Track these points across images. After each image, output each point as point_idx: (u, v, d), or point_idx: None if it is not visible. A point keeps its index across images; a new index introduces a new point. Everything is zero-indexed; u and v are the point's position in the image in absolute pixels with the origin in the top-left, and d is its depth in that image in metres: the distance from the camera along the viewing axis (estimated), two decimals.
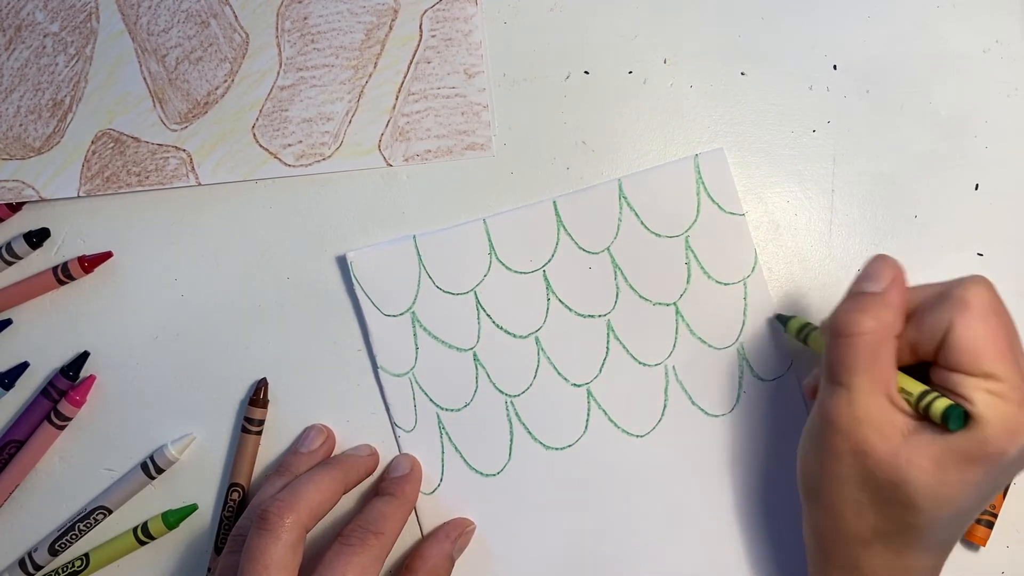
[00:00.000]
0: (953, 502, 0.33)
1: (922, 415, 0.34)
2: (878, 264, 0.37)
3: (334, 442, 0.47)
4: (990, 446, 0.32)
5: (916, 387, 0.35)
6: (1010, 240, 0.46)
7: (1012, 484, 0.45)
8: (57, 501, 0.48)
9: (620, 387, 0.46)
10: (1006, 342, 0.33)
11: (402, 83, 0.47)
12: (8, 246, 0.48)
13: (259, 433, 0.47)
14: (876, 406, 0.34)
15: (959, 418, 0.33)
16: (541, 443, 0.46)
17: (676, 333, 0.46)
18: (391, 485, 0.45)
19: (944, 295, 0.35)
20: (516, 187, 0.47)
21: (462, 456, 0.46)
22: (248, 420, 0.46)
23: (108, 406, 0.48)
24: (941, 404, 0.33)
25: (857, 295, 0.37)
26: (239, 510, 0.46)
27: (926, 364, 0.36)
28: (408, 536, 0.46)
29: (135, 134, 0.48)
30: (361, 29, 0.48)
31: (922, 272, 0.46)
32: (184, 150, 0.48)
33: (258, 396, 0.47)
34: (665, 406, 0.46)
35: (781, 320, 0.44)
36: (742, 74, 0.47)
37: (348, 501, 0.47)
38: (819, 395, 0.37)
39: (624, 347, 0.46)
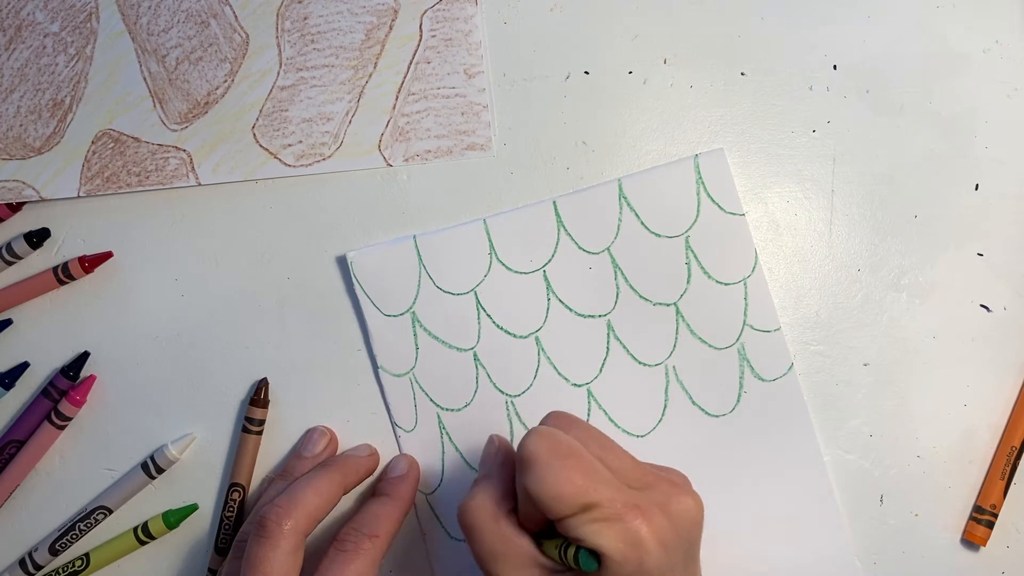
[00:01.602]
0: None
1: (570, 567, 0.34)
2: (487, 448, 0.39)
3: (336, 444, 0.47)
4: (626, 566, 0.32)
5: (554, 546, 0.35)
6: (1010, 240, 0.46)
7: (1013, 484, 0.45)
8: (57, 501, 0.48)
9: (620, 387, 0.46)
10: (580, 472, 0.33)
11: (402, 83, 0.47)
12: (8, 246, 0.48)
13: (259, 433, 0.47)
14: None
15: (588, 560, 0.33)
16: None
17: (676, 333, 0.46)
18: (387, 486, 0.45)
19: (516, 462, 0.35)
20: (516, 187, 0.47)
21: (462, 456, 0.46)
22: (248, 420, 0.47)
23: (108, 406, 0.48)
24: (570, 553, 0.33)
25: (473, 484, 0.38)
26: (240, 510, 0.46)
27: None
28: (408, 536, 0.46)
29: (135, 134, 0.48)
30: (361, 29, 0.48)
31: (922, 272, 0.46)
32: (184, 150, 0.48)
33: (259, 396, 0.47)
34: (665, 406, 0.46)
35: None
36: (742, 74, 0.47)
37: (348, 501, 0.47)
38: None
39: (624, 347, 0.46)
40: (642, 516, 0.33)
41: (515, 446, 0.46)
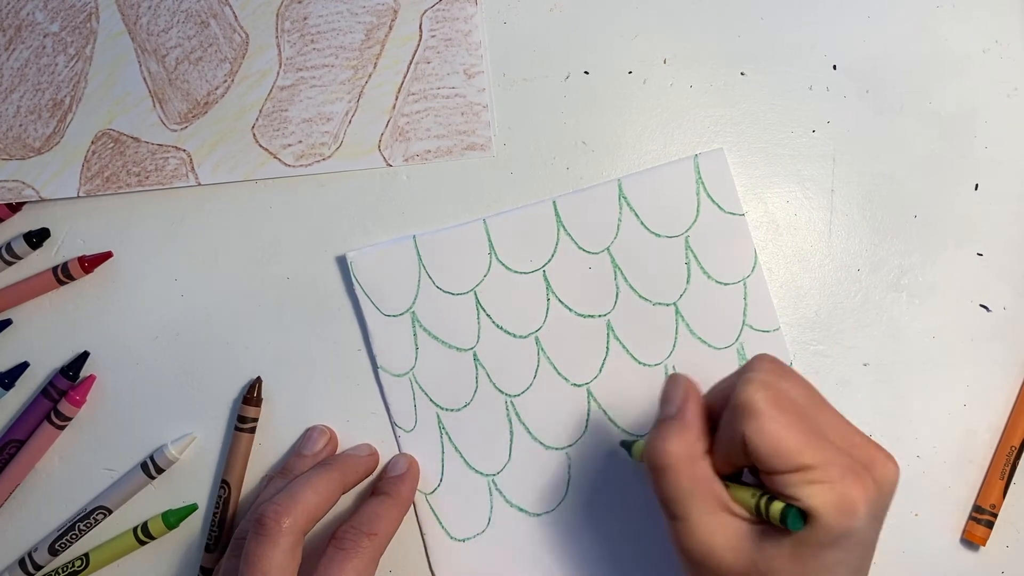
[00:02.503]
0: None
1: (765, 519, 0.34)
2: (670, 386, 0.37)
3: (336, 443, 0.47)
4: (834, 531, 0.32)
5: (750, 495, 0.35)
6: (1010, 240, 0.46)
7: (1013, 484, 0.45)
8: (57, 501, 0.48)
9: (620, 387, 0.46)
10: (802, 429, 0.33)
11: (402, 83, 0.47)
12: (8, 246, 0.48)
13: (252, 431, 0.47)
14: (717, 526, 0.34)
15: (797, 518, 0.33)
16: (541, 443, 0.46)
17: (676, 333, 0.46)
18: (387, 484, 0.45)
19: (730, 406, 0.34)
20: (516, 187, 0.47)
21: (462, 456, 0.46)
22: (241, 418, 0.46)
23: (108, 406, 0.48)
24: (776, 509, 0.33)
25: (658, 424, 0.37)
26: (225, 507, 0.46)
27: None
28: (407, 536, 0.46)
29: (135, 134, 0.48)
30: (361, 29, 0.48)
31: (922, 272, 0.46)
32: (184, 150, 0.48)
33: (251, 394, 0.47)
34: None
35: (625, 446, 0.43)
36: (742, 74, 0.47)
37: (347, 500, 0.47)
38: (669, 529, 0.36)
39: (624, 347, 0.46)
40: (859, 482, 0.32)
41: (518, 445, 0.46)
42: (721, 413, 0.36)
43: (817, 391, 0.36)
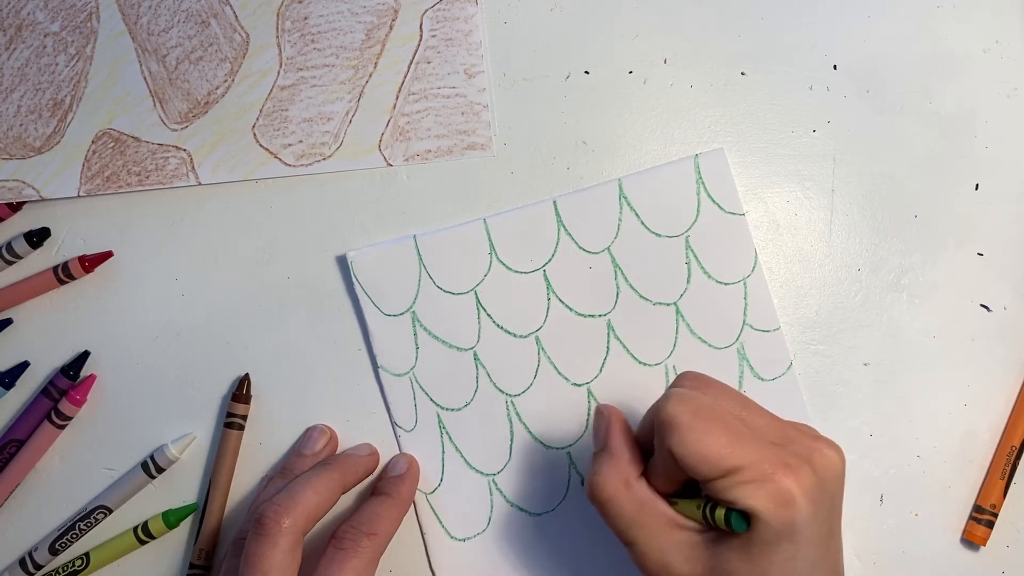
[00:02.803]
0: None
1: (711, 526, 0.35)
2: (596, 420, 0.39)
3: (337, 443, 0.47)
4: (776, 525, 0.32)
5: (695, 506, 0.35)
6: (1010, 240, 0.46)
7: (1013, 484, 0.45)
8: (57, 501, 0.48)
9: (620, 387, 0.46)
10: (724, 435, 0.33)
11: (402, 83, 0.47)
12: (8, 246, 0.48)
13: (241, 429, 0.47)
14: (668, 544, 0.35)
15: (739, 520, 0.33)
16: (541, 443, 0.46)
17: (676, 333, 0.46)
18: (387, 484, 0.45)
19: (656, 425, 0.35)
20: (516, 187, 0.47)
21: (462, 456, 0.46)
22: (230, 416, 0.46)
23: (108, 406, 0.48)
24: (719, 515, 0.34)
25: (592, 460, 0.38)
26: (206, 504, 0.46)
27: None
28: (407, 536, 0.46)
29: (135, 134, 0.48)
30: (361, 29, 0.48)
31: (922, 272, 0.46)
32: (184, 150, 0.48)
33: (240, 391, 0.47)
34: None
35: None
36: (742, 74, 0.47)
37: (347, 500, 0.47)
38: (630, 557, 0.37)
39: (624, 347, 0.46)
40: (792, 474, 0.33)
41: (518, 445, 0.46)
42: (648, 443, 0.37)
43: (745, 396, 0.37)
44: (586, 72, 0.47)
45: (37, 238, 0.48)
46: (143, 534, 0.47)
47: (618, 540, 0.37)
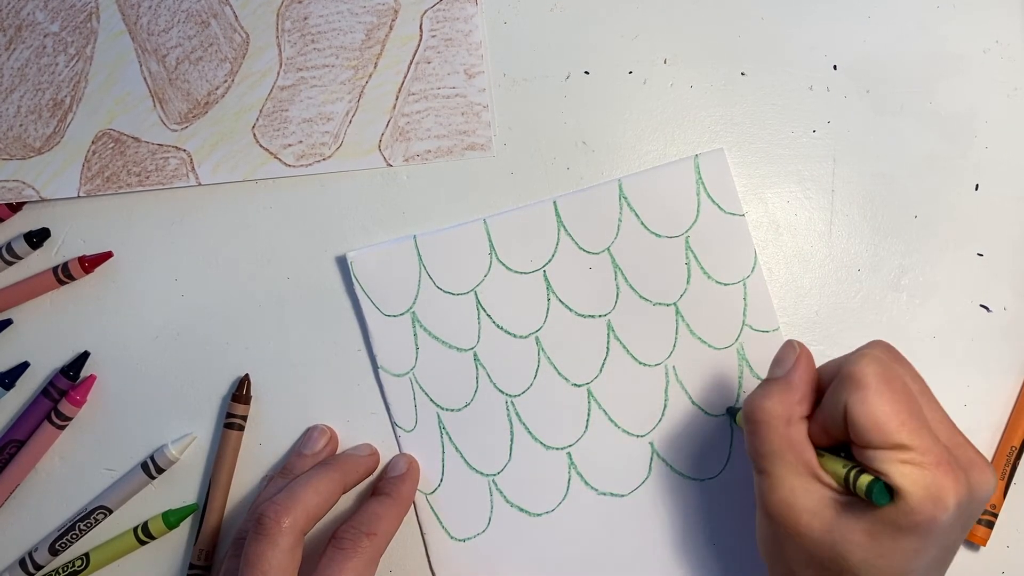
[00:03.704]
0: (896, 571, 0.33)
1: (850, 492, 0.34)
2: (784, 349, 0.38)
3: (337, 443, 0.47)
4: (917, 515, 0.32)
5: (841, 466, 0.35)
6: (1010, 240, 0.46)
7: (1013, 484, 0.45)
8: (57, 501, 0.48)
9: (620, 387, 0.46)
10: (906, 410, 0.33)
11: (402, 83, 0.47)
12: (8, 246, 0.48)
13: (241, 429, 0.47)
14: (799, 487, 0.35)
15: (883, 493, 0.33)
16: (541, 443, 0.46)
17: (676, 333, 0.46)
18: (387, 485, 0.45)
19: (839, 374, 0.35)
20: (516, 187, 0.47)
21: (462, 456, 0.46)
22: (230, 416, 0.46)
23: (108, 406, 0.48)
24: (864, 480, 0.33)
25: (764, 382, 0.38)
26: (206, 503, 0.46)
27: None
28: (407, 536, 0.46)
29: (135, 134, 0.48)
30: (361, 29, 0.48)
31: (922, 272, 0.46)
32: (184, 150, 0.48)
33: (240, 392, 0.47)
34: (665, 406, 0.46)
35: (731, 412, 0.45)
36: (742, 74, 0.47)
37: (347, 500, 0.47)
38: (755, 483, 0.37)
39: (624, 347, 0.46)
40: (952, 475, 0.32)
41: (518, 445, 0.46)
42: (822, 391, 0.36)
43: (927, 386, 0.36)
44: (586, 72, 0.47)
45: (37, 238, 0.48)
46: (143, 534, 0.47)
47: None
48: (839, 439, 0.36)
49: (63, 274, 0.48)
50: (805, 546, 0.34)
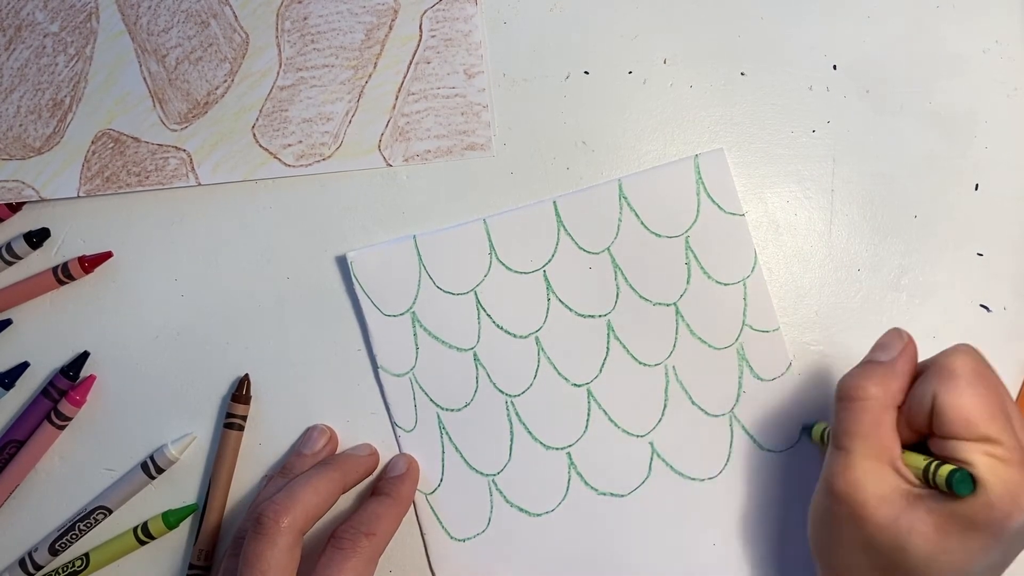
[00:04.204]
0: (955, 569, 0.33)
1: (928, 485, 0.34)
2: (891, 335, 0.38)
3: (337, 442, 0.47)
4: (994, 511, 0.32)
5: (922, 459, 0.35)
6: (1010, 240, 0.46)
7: None
8: (57, 501, 0.48)
9: (620, 387, 0.46)
10: (997, 405, 0.33)
11: (402, 83, 0.47)
12: (8, 246, 0.48)
13: (241, 429, 0.47)
14: (875, 471, 0.35)
15: (966, 481, 0.32)
16: (541, 443, 0.46)
17: (676, 333, 0.46)
18: (386, 485, 0.45)
19: (930, 366, 0.35)
20: (516, 187, 0.47)
21: (462, 456, 0.46)
22: (230, 416, 0.46)
23: (108, 406, 0.48)
24: (945, 469, 0.33)
25: (867, 363, 0.37)
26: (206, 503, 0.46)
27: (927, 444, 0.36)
28: (407, 536, 0.46)
29: (135, 134, 0.48)
30: (361, 29, 0.48)
31: (922, 272, 0.46)
32: (184, 150, 0.48)
33: (240, 392, 0.47)
34: (665, 406, 0.46)
35: (806, 428, 0.45)
36: (742, 74, 0.47)
37: (347, 500, 0.47)
38: (825, 461, 0.37)
39: (624, 347, 0.46)
40: None
41: (518, 445, 0.46)
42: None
43: (1010, 396, 0.36)
44: (586, 72, 0.47)
45: (37, 238, 0.48)
46: (143, 535, 0.47)
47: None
48: (922, 432, 0.36)
49: (63, 274, 0.48)
50: (867, 531, 0.34)
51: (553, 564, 0.46)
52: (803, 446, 0.45)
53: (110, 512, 0.47)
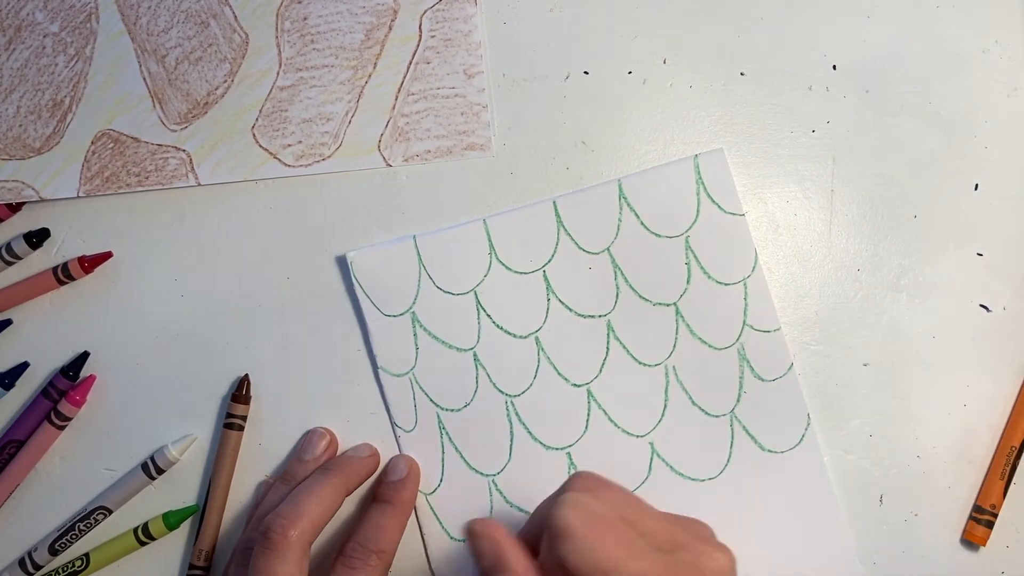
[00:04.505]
0: None
1: None
2: (480, 542, 0.36)
3: (337, 445, 0.47)
4: None
5: None
6: (1010, 240, 0.46)
7: (1012, 484, 0.45)
8: (57, 501, 0.48)
9: (620, 387, 0.46)
10: (619, 542, 0.33)
11: (402, 83, 0.47)
12: (8, 246, 0.48)
13: (240, 429, 0.47)
14: None
15: None
16: (541, 443, 0.46)
17: (676, 333, 0.46)
18: (388, 491, 0.45)
19: (547, 531, 0.34)
20: (516, 187, 0.47)
21: (462, 456, 0.46)
22: (230, 416, 0.46)
23: (108, 406, 0.48)
24: None
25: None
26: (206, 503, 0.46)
27: None
28: (407, 536, 0.46)
29: (135, 134, 0.48)
30: (361, 29, 0.48)
31: (922, 272, 0.46)
32: (184, 150, 0.48)
33: (240, 392, 0.47)
34: (665, 406, 0.46)
35: None
36: (742, 74, 0.47)
37: (347, 502, 0.47)
38: None
39: (624, 347, 0.46)
40: None
41: (518, 445, 0.46)
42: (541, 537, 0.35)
43: (636, 498, 0.36)
44: (586, 72, 0.47)
45: (37, 239, 0.48)
46: (143, 535, 0.47)
47: None
48: None
49: (63, 274, 0.48)
50: None
51: None
52: (804, 447, 0.45)
53: (110, 512, 0.47)
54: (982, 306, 0.46)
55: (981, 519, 0.44)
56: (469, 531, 0.36)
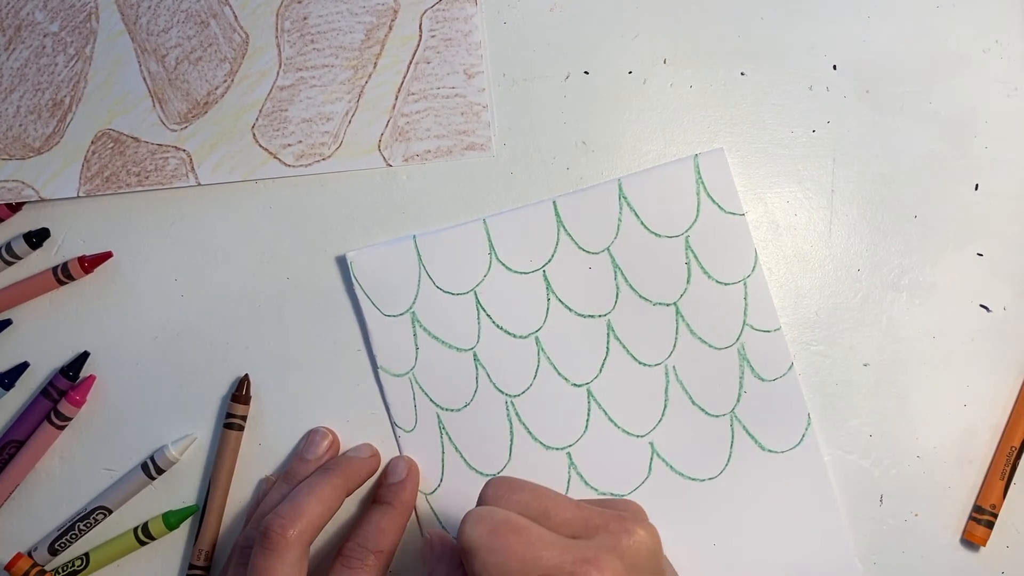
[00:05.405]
0: None
1: None
2: (424, 549, 0.38)
3: (338, 446, 0.47)
4: None
5: None
6: (1010, 240, 0.46)
7: (1012, 484, 0.45)
8: (57, 501, 0.48)
9: (620, 387, 0.46)
10: (524, 545, 0.32)
11: (402, 83, 0.47)
12: (8, 246, 0.48)
13: (240, 429, 0.47)
14: None
15: None
16: (541, 443, 0.46)
17: (676, 333, 0.46)
18: (388, 493, 0.45)
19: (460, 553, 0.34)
20: (516, 187, 0.47)
21: (462, 456, 0.46)
22: (230, 416, 0.46)
23: (108, 406, 0.48)
24: None
25: None
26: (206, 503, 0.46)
27: None
28: (407, 536, 0.46)
29: (135, 134, 0.48)
30: (361, 29, 0.48)
31: (922, 272, 0.46)
32: (184, 150, 0.48)
33: (240, 392, 0.47)
34: (665, 406, 0.46)
35: None
36: (742, 74, 0.47)
37: (346, 504, 0.47)
38: None
39: (624, 347, 0.46)
40: (594, 568, 0.32)
41: (518, 445, 0.46)
42: None
43: (551, 491, 0.36)
44: (586, 72, 0.47)
45: (36, 239, 0.48)
46: (143, 535, 0.47)
47: None
48: None
49: (63, 274, 0.48)
50: None
51: None
52: (804, 446, 0.45)
53: (110, 512, 0.47)
54: (982, 306, 0.46)
55: (981, 519, 0.44)
56: (425, 540, 0.38)
